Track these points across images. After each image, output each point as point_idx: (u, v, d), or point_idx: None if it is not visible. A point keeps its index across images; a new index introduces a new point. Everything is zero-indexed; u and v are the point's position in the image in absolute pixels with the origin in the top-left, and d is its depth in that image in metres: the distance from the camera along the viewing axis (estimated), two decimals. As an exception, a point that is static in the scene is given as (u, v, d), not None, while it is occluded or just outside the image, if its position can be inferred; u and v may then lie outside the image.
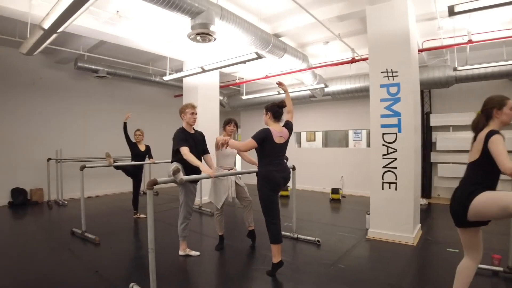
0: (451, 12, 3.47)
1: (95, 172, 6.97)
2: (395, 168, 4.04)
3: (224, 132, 3.88)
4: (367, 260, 3.58)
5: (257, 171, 3.05)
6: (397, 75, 4.04)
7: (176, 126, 3.62)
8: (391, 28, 4.10)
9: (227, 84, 8.74)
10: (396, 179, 4.03)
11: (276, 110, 3.08)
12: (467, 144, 7.02)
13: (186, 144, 3.24)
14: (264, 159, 2.97)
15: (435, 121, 6.98)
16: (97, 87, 8.02)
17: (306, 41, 6.40)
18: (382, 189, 4.13)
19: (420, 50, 5.45)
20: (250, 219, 3.85)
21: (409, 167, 3.96)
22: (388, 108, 4.09)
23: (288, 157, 3.34)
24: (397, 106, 4.03)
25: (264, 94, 8.42)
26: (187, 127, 3.53)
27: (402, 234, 3.95)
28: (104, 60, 6.86)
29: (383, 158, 4.13)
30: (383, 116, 4.14)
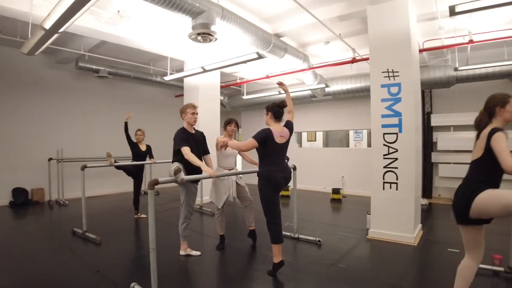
0: (452, 12, 3.47)
1: (96, 172, 6.98)
2: (396, 168, 4.04)
3: (225, 132, 3.88)
4: (368, 260, 3.59)
5: (258, 171, 3.05)
6: (398, 75, 4.04)
7: (177, 126, 3.63)
8: (392, 28, 4.10)
9: (228, 84, 8.75)
10: (397, 179, 4.03)
11: (276, 110, 3.07)
12: (468, 144, 6.98)
13: (187, 144, 3.24)
14: (265, 159, 2.97)
15: (436, 121, 6.98)
16: (98, 87, 8.04)
17: (307, 41, 6.40)
18: (383, 189, 4.13)
19: (421, 50, 5.44)
20: (251, 219, 3.86)
21: (410, 167, 3.96)
22: (389, 108, 4.09)
23: (289, 157, 3.34)
24: (398, 106, 4.03)
25: (265, 94, 8.43)
26: (188, 127, 3.53)
27: (403, 234, 3.94)
28: (105, 60, 6.87)
29: (384, 158, 4.13)
30: (384, 116, 4.14)
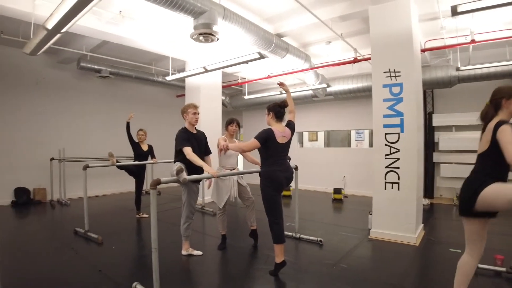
0: (454, 12, 3.47)
1: (98, 171, 6.98)
2: (398, 168, 4.03)
3: (226, 132, 3.88)
4: (370, 260, 3.58)
5: (260, 171, 3.05)
6: (400, 75, 4.04)
7: (178, 126, 3.63)
8: (393, 28, 4.09)
9: (229, 84, 8.75)
10: (399, 179, 4.02)
11: (278, 110, 3.08)
12: (469, 144, 6.93)
13: (188, 144, 3.25)
14: (267, 159, 2.98)
15: (437, 121, 6.97)
16: (99, 87, 8.05)
17: (308, 41, 6.39)
18: (385, 189, 4.12)
19: (422, 50, 5.43)
20: (252, 218, 3.86)
21: (411, 167, 3.96)
22: (391, 108, 4.09)
23: (291, 157, 3.34)
24: (400, 106, 4.03)
25: (266, 94, 8.42)
26: (189, 127, 3.54)
27: (405, 234, 3.94)
28: (106, 60, 6.88)
29: (385, 158, 4.12)
30: (385, 116, 4.14)
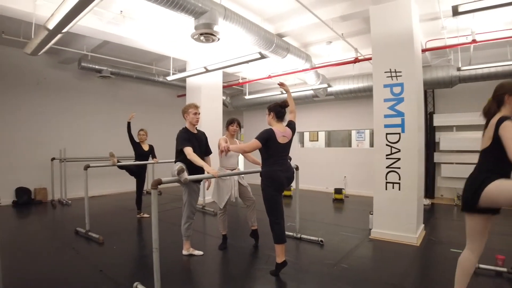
0: (455, 12, 3.46)
1: (99, 171, 6.99)
2: (399, 168, 4.03)
3: (227, 132, 3.89)
4: (370, 260, 3.58)
5: (261, 171, 3.05)
6: (401, 75, 4.03)
7: (179, 126, 3.63)
8: (394, 28, 4.09)
9: (230, 84, 8.75)
10: (400, 179, 4.02)
11: (278, 110, 3.08)
12: (470, 144, 6.91)
13: (189, 144, 3.25)
14: (268, 159, 2.98)
15: (438, 121, 6.96)
16: (100, 87, 8.06)
17: (309, 41, 6.39)
18: (386, 189, 4.12)
19: (423, 50, 5.43)
20: (253, 218, 3.86)
21: (412, 167, 3.96)
22: (392, 108, 4.09)
23: (291, 157, 3.34)
24: (401, 106, 4.02)
25: (267, 94, 8.42)
26: (190, 127, 3.54)
27: (405, 234, 3.94)
28: (107, 60, 6.89)
29: (386, 158, 4.12)
30: (386, 116, 4.13)
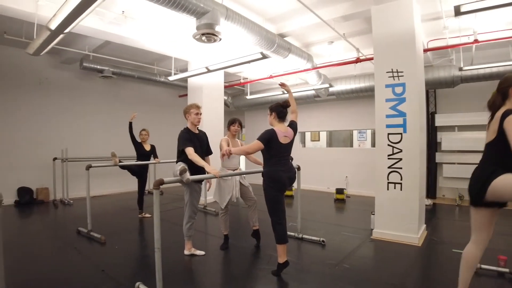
0: (457, 12, 3.46)
1: (101, 171, 7.02)
2: (400, 168, 4.02)
3: (228, 132, 3.89)
4: (372, 260, 3.58)
5: (263, 171, 3.05)
6: (403, 75, 4.03)
7: (180, 126, 3.64)
8: (396, 28, 4.08)
9: (232, 84, 8.76)
10: (401, 180, 4.01)
11: (280, 110, 3.08)
12: (472, 144, 6.89)
13: (191, 145, 3.25)
14: (270, 160, 2.98)
15: (440, 121, 6.94)
16: (102, 87, 8.08)
17: (310, 41, 6.39)
18: (387, 189, 4.11)
19: (425, 50, 5.42)
20: (254, 218, 3.86)
21: (414, 167, 3.95)
22: (393, 108, 4.08)
23: (293, 157, 3.34)
24: (403, 106, 4.02)
25: (269, 94, 8.42)
26: (192, 127, 3.54)
27: (407, 235, 3.93)
28: (109, 60, 6.91)
29: (388, 159, 4.11)
30: (388, 116, 4.13)
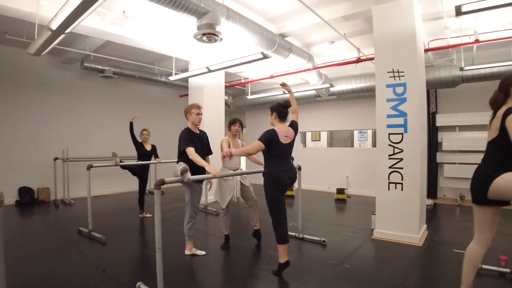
0: (458, 12, 3.45)
1: (102, 171, 7.03)
2: (401, 168, 4.02)
3: (229, 132, 3.89)
4: (373, 260, 3.58)
5: (264, 171, 3.05)
6: (403, 75, 4.02)
7: (181, 126, 3.64)
8: (397, 28, 4.08)
9: (232, 84, 8.76)
10: (402, 180, 4.01)
11: (281, 110, 3.08)
12: (473, 144, 6.88)
13: (192, 145, 3.26)
14: (270, 160, 2.98)
15: (441, 121, 6.94)
16: (103, 87, 8.09)
17: (311, 41, 6.38)
18: (388, 189, 4.11)
19: (426, 50, 5.41)
20: (255, 218, 3.87)
21: (415, 167, 3.94)
22: (394, 108, 4.08)
23: (294, 157, 3.34)
24: (403, 106, 4.01)
25: (269, 94, 8.41)
26: (193, 127, 3.55)
27: (408, 235, 3.93)
28: (110, 60, 6.92)
29: (389, 159, 4.11)
30: (389, 116, 4.12)
